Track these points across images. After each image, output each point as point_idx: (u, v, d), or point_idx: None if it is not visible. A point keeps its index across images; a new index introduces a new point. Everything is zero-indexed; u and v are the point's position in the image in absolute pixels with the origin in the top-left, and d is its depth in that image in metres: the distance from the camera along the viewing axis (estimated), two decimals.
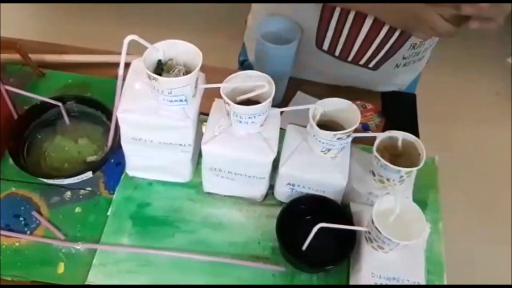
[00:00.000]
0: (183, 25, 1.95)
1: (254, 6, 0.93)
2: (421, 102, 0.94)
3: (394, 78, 0.90)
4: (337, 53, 0.84)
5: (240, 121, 0.62)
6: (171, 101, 0.60)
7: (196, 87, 0.62)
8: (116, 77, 0.86)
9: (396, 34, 0.76)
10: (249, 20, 0.97)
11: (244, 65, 1.01)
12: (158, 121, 0.61)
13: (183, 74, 0.60)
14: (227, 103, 0.61)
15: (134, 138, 0.65)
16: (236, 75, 0.63)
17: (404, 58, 0.83)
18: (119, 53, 0.89)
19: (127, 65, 0.90)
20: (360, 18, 0.75)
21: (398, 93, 0.92)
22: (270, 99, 0.61)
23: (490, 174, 1.68)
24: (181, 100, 0.61)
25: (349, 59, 0.84)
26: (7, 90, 0.71)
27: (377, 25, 0.75)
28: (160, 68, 0.62)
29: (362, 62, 0.84)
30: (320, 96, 0.72)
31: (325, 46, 0.83)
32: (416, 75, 0.96)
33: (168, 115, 0.61)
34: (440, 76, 1.66)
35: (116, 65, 0.89)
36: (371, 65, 0.84)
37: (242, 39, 1.03)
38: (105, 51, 0.90)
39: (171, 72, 0.60)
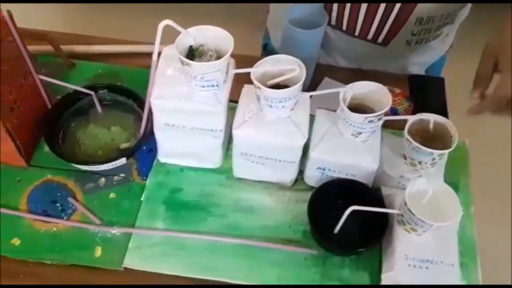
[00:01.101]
0: (206, 14, 1.96)
1: None
2: (449, 87, 0.92)
3: (410, 56, 0.90)
4: (344, 28, 0.84)
5: (271, 106, 0.63)
6: (203, 86, 0.61)
7: (227, 72, 0.62)
8: (144, 66, 0.88)
9: (397, 5, 0.76)
10: (271, 5, 0.98)
11: (267, 49, 1.02)
12: (190, 106, 0.62)
13: (215, 60, 0.61)
14: (258, 87, 0.61)
15: (166, 124, 0.66)
16: (265, 59, 0.64)
17: (413, 34, 0.83)
18: (147, 43, 0.91)
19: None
20: None
21: (426, 77, 0.91)
22: (301, 82, 0.61)
23: None
24: (212, 85, 0.61)
25: (356, 33, 0.85)
26: (41, 80, 0.73)
27: None
28: (192, 54, 0.62)
29: (369, 37, 0.85)
30: (347, 82, 0.72)
31: (333, 21, 0.83)
32: (438, 56, 0.94)
33: (200, 101, 0.62)
34: (467, 61, 1.63)
35: (144, 55, 0.91)
36: (379, 40, 0.85)
37: (262, 26, 1.03)
38: (132, 42, 0.91)
39: (202, 57, 0.61)
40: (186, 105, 0.62)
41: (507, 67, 0.50)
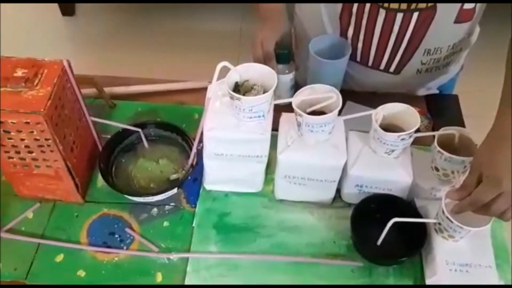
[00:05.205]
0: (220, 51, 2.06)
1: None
2: (461, 103, 0.98)
3: (421, 82, 0.96)
4: (358, 59, 0.91)
5: (312, 130, 0.69)
6: (251, 117, 0.67)
7: (271, 103, 0.69)
8: (178, 102, 0.95)
9: (407, 37, 0.83)
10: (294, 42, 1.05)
11: None
12: (239, 136, 0.68)
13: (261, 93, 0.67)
14: (299, 114, 0.68)
15: (216, 153, 0.72)
16: (303, 89, 0.70)
17: (423, 63, 0.89)
18: (179, 81, 0.98)
19: (189, 90, 0.98)
20: (371, 24, 0.82)
21: (441, 96, 0.97)
22: (339, 107, 0.67)
23: None
24: (259, 116, 0.67)
25: (369, 64, 0.91)
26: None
27: (386, 29, 0.82)
28: (237, 89, 0.69)
29: (382, 67, 0.91)
30: (367, 104, 0.77)
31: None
32: (447, 79, 1.00)
33: (248, 130, 0.68)
34: (478, 77, 1.67)
35: (177, 92, 0.97)
36: (391, 69, 0.91)
37: None
38: (165, 80, 0.98)
39: (249, 92, 0.67)
40: (236, 135, 0.68)
41: (485, 180, 0.62)
